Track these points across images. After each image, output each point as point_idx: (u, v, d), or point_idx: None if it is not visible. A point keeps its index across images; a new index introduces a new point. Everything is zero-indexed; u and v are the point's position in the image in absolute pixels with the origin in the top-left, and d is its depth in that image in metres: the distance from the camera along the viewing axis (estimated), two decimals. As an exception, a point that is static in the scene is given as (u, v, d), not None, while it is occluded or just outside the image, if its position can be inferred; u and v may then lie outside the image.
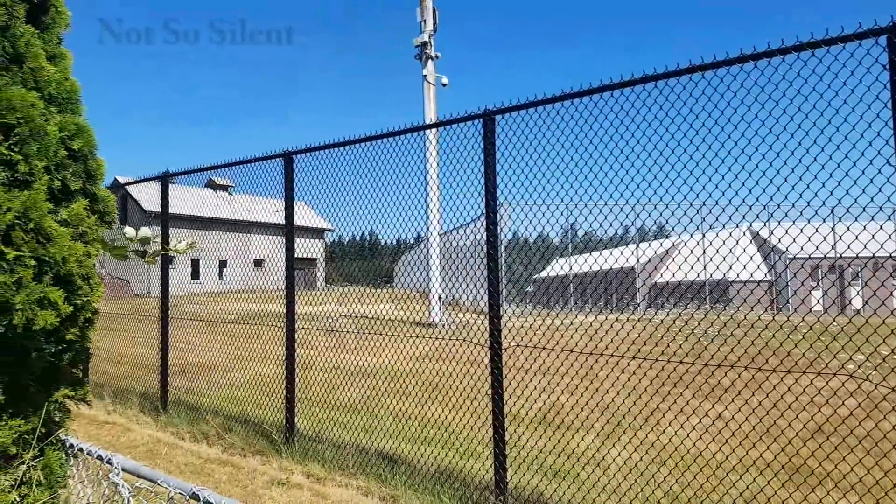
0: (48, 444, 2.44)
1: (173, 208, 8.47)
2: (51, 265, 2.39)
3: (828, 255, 3.95)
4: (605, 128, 4.52)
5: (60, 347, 2.50)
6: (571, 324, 5.48)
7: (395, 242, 7.66)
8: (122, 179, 33.53)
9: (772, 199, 3.79)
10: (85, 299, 2.58)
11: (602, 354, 4.69)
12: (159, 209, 8.41)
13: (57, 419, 2.52)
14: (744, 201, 3.96)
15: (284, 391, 6.48)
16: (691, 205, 4.32)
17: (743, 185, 3.91)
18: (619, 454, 5.04)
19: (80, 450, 2.43)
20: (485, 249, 4.96)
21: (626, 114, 4.39)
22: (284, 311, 6.58)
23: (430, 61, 20.56)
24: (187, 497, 2.01)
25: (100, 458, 2.32)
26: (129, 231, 3.15)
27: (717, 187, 4.03)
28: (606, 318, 5.73)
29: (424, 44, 20.44)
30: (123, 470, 2.19)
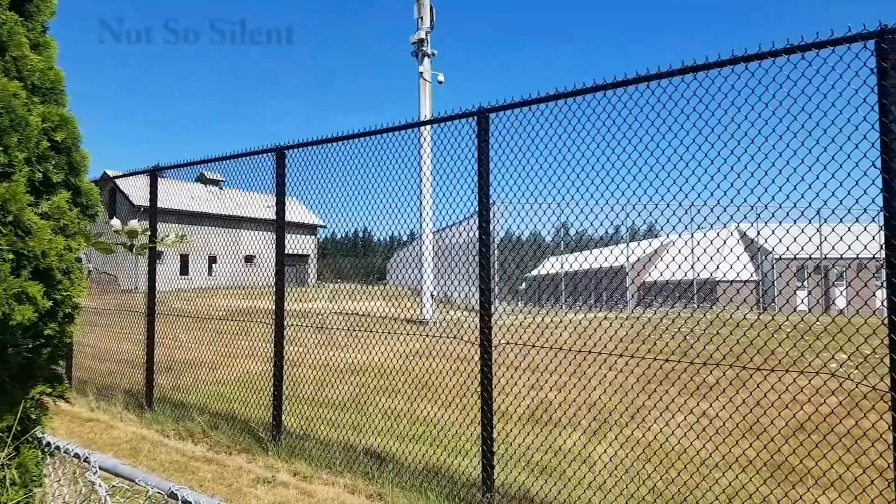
0: (24, 443, 2.41)
1: (163, 202, 8.41)
2: (30, 259, 2.36)
3: (813, 256, 3.97)
4: (597, 127, 4.53)
5: (38, 343, 2.47)
6: (561, 322, 5.48)
7: (388, 239, 7.63)
8: (111, 173, 33.27)
9: (759, 200, 3.80)
10: (65, 294, 2.54)
11: (590, 352, 4.70)
12: (149, 203, 8.36)
13: (34, 416, 2.49)
14: (732, 202, 3.97)
15: (272, 388, 6.45)
16: (680, 205, 4.33)
17: (731, 185, 3.92)
18: (606, 451, 5.05)
19: (57, 448, 2.40)
20: (477, 248, 4.95)
21: (618, 114, 4.41)
22: (274, 307, 6.55)
23: (426, 58, 20.53)
24: (166, 496, 1.99)
25: (77, 456, 2.29)
26: (116, 224, 3.11)
27: (705, 188, 4.04)
28: (595, 317, 5.73)
29: (421, 41, 20.41)
30: (101, 469, 2.16)
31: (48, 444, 2.47)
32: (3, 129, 2.41)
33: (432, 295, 12.96)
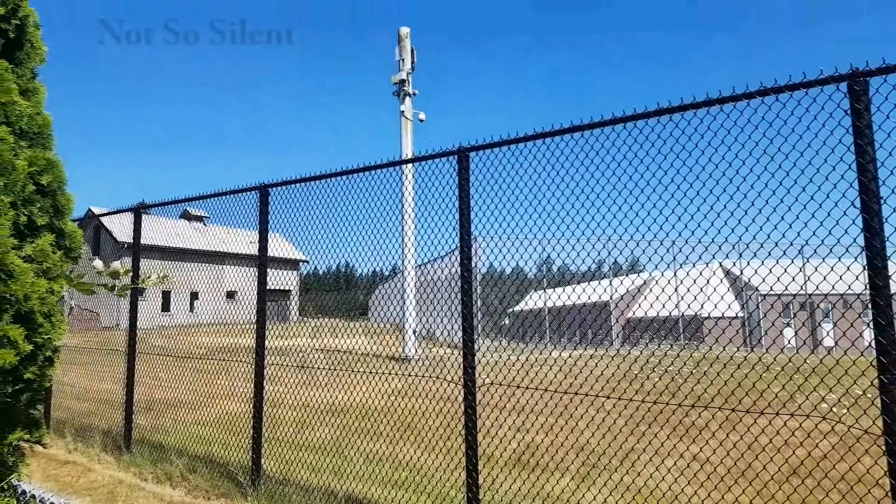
0: (-1, 491, 2.33)
1: (146, 239, 8.34)
2: (12, 302, 2.31)
3: (798, 294, 4.01)
4: (575, 166, 4.59)
5: (18, 387, 2.39)
6: (546, 361, 5.45)
7: (370, 274, 7.59)
8: (96, 210, 33.01)
9: (741, 239, 3.84)
10: (46, 337, 2.48)
11: (577, 393, 4.66)
12: (132, 240, 8.29)
13: (10, 463, 2.40)
14: (713, 241, 4.01)
15: (251, 430, 6.31)
16: (661, 243, 4.37)
17: (712, 224, 3.97)
18: (595, 497, 4.96)
19: (33, 496, 2.32)
20: (459, 283, 4.94)
21: (595, 153, 4.47)
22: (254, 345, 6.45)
23: (407, 98, 20.87)
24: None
25: (54, 506, 2.21)
26: (98, 264, 3.07)
27: (686, 226, 4.09)
28: (581, 354, 5.71)
29: (402, 81, 20.82)
30: (79, 518, 2.08)
31: (24, 492, 2.38)
32: (-11, 172, 2.39)
33: (415, 331, 12.88)
